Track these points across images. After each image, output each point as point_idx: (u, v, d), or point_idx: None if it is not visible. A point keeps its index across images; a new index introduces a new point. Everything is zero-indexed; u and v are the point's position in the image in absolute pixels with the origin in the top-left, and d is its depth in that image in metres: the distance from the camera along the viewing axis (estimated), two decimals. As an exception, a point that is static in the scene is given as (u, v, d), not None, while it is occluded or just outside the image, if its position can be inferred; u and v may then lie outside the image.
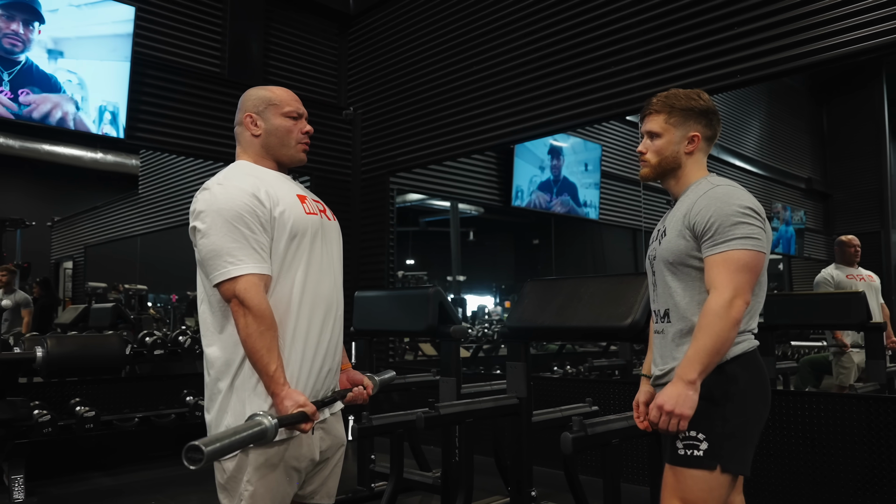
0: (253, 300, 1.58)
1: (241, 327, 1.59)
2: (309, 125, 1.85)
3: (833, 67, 3.54)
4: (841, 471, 3.30)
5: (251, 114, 1.80)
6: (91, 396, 4.33)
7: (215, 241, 1.62)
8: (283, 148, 1.80)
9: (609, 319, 2.52)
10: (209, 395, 1.71)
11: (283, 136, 1.79)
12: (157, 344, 4.48)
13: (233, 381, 1.65)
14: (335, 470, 1.85)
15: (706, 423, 1.68)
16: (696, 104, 1.85)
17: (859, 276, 4.59)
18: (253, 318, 1.58)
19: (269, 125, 1.79)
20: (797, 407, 3.48)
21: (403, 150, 5.71)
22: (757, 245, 1.69)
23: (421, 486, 3.42)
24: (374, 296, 3.68)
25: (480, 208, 8.98)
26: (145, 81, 4.89)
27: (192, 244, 1.72)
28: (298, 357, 1.68)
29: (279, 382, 1.58)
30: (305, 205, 1.77)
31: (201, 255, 1.66)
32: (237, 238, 1.61)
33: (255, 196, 1.66)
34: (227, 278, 1.60)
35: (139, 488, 4.05)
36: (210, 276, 1.64)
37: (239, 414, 1.62)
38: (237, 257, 1.61)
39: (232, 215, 1.62)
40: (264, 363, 1.58)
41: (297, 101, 1.84)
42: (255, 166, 1.78)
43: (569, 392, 4.32)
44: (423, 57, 5.57)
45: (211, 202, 1.65)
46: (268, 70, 5.73)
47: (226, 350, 1.66)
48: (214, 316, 1.69)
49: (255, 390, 1.62)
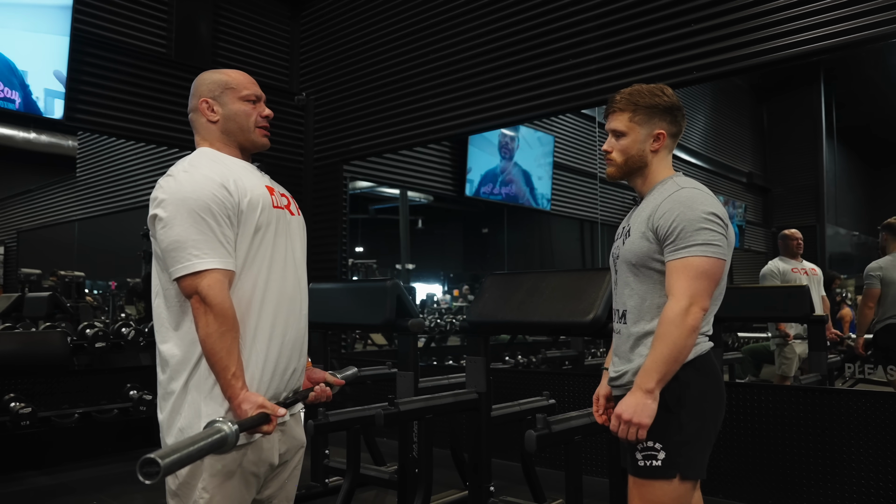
0: (216, 298, 1.50)
1: (201, 326, 1.50)
2: (268, 109, 1.77)
3: (776, 68, 3.63)
4: (785, 459, 3.41)
5: (206, 99, 1.70)
6: (27, 392, 4.11)
7: (179, 232, 1.52)
8: (244, 133, 1.71)
9: (571, 315, 2.52)
10: (162, 395, 1.62)
11: (243, 120, 1.70)
12: (100, 336, 4.28)
13: (187, 381, 1.56)
14: (294, 473, 1.80)
15: (662, 432, 1.68)
16: (661, 101, 1.83)
17: (803, 270, 4.74)
18: (214, 318, 1.49)
19: (227, 110, 1.70)
20: (745, 398, 3.57)
21: (358, 138, 5.60)
22: (717, 252, 1.69)
23: (377, 482, 3.37)
24: (329, 288, 3.60)
25: (430, 196, 8.94)
26: (86, 60, 4.65)
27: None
28: (261, 357, 1.60)
29: (237, 386, 1.51)
30: (273, 197, 1.69)
31: (162, 247, 1.55)
32: (203, 230, 1.52)
33: (224, 186, 1.57)
34: (190, 272, 1.51)
35: (79, 487, 3.88)
36: (171, 269, 1.54)
37: (193, 416, 1.54)
38: (202, 250, 1.51)
39: (198, 205, 1.53)
40: (223, 365, 1.50)
41: (254, 84, 1.75)
42: (220, 154, 1.69)
43: (524, 384, 4.34)
44: (378, 43, 5.47)
45: (175, 191, 1.55)
46: (217, 52, 5.53)
47: (181, 348, 1.57)
48: (171, 311, 1.59)
49: (212, 392, 1.54)
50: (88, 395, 4.41)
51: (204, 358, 1.54)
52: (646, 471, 1.71)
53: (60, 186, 9.19)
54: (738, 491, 3.52)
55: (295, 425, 1.76)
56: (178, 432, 1.55)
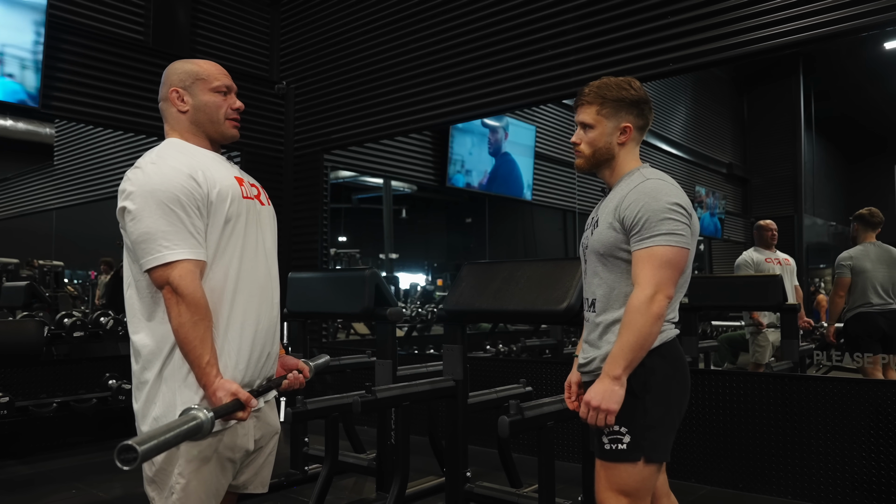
0: (188, 288, 1.51)
1: (174, 316, 1.52)
2: (239, 101, 1.77)
3: (755, 60, 3.67)
4: (756, 444, 3.49)
5: (177, 88, 1.70)
6: (5, 381, 4.09)
7: (148, 223, 1.53)
8: (214, 125, 1.72)
9: (545, 303, 2.55)
10: (136, 384, 1.63)
11: (213, 112, 1.71)
12: (77, 325, 4.26)
13: (161, 370, 1.58)
14: (269, 458, 1.82)
15: (628, 416, 1.73)
16: (628, 94, 1.86)
17: (776, 260, 4.83)
18: (186, 308, 1.51)
19: (197, 101, 1.70)
20: (717, 385, 3.65)
21: (338, 128, 5.60)
22: (681, 241, 1.73)
23: (356, 469, 3.41)
24: (308, 277, 3.62)
25: (414, 186, 8.95)
26: (62, 47, 4.60)
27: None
28: (234, 345, 1.62)
29: (211, 374, 1.53)
30: (243, 188, 1.70)
31: (132, 239, 1.56)
32: (172, 221, 1.53)
33: (192, 177, 1.58)
34: (161, 264, 1.52)
35: (58, 476, 3.87)
36: (141, 261, 1.55)
37: (168, 404, 1.56)
38: (173, 241, 1.53)
39: (167, 197, 1.54)
40: (197, 354, 1.52)
41: (225, 76, 1.76)
42: (188, 145, 1.69)
43: (503, 372, 4.39)
44: (359, 32, 5.45)
45: (143, 182, 1.56)
46: (195, 40, 5.48)
47: (154, 338, 1.59)
48: (143, 302, 1.61)
49: (186, 381, 1.56)
50: (67, 384, 4.39)
51: (176, 348, 1.55)
52: (612, 454, 1.75)
53: (38, 175, 9.07)
54: (710, 475, 3.60)
55: (269, 412, 1.78)
56: (153, 421, 1.57)
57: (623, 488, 1.75)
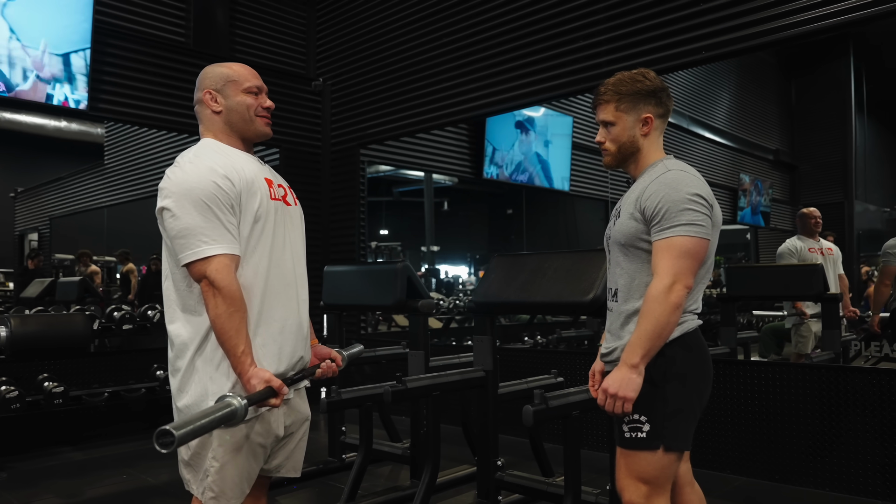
0: (223, 281, 1.59)
1: (211, 308, 1.60)
2: (270, 100, 1.84)
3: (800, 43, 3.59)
4: (795, 436, 3.44)
5: (210, 91, 1.78)
6: (60, 372, 4.31)
7: (187, 220, 1.61)
8: (246, 124, 1.79)
9: (572, 295, 2.57)
10: (171, 371, 1.72)
11: (245, 111, 1.78)
12: (126, 318, 4.45)
13: (193, 358, 1.66)
14: (300, 444, 1.89)
15: (648, 406, 1.74)
16: (643, 86, 1.87)
17: (819, 249, 4.72)
18: (223, 300, 1.59)
19: (230, 102, 1.78)
20: (754, 376, 3.60)
21: (374, 122, 5.68)
22: (700, 232, 1.73)
23: (391, 457, 3.49)
24: (343, 270, 3.70)
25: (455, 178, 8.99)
26: (107, 51, 4.78)
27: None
28: (265, 341, 1.69)
29: (246, 363, 1.60)
30: (272, 189, 1.77)
31: (171, 235, 1.65)
32: (209, 218, 1.61)
33: (227, 177, 1.66)
34: (199, 258, 1.60)
35: (110, 462, 4.06)
36: (180, 256, 1.63)
37: (201, 392, 1.64)
38: (210, 237, 1.60)
39: (204, 195, 1.62)
40: (232, 344, 1.60)
41: (256, 77, 1.83)
42: (222, 145, 1.77)
43: (537, 363, 4.41)
44: (393, 27, 5.51)
45: (181, 181, 1.64)
46: (234, 40, 5.63)
47: (187, 328, 1.67)
48: (179, 293, 1.69)
49: (219, 369, 1.64)
50: (117, 375, 4.59)
51: (209, 337, 1.64)
52: (631, 442, 1.77)
53: (90, 173, 9.42)
54: (746, 466, 3.57)
55: (299, 400, 1.86)
56: (185, 408, 1.66)
57: (643, 476, 1.77)
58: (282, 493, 3.44)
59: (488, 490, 3.00)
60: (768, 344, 6.09)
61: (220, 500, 1.66)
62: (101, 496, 3.50)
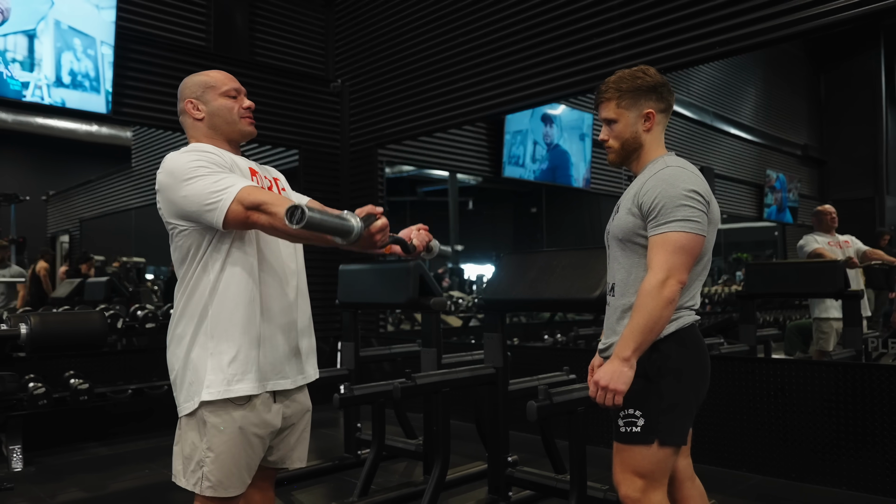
0: (258, 198, 1.60)
1: (267, 225, 1.60)
2: (249, 100, 1.88)
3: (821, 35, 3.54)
4: (812, 434, 3.40)
5: (191, 100, 1.84)
6: (85, 369, 4.44)
7: (190, 188, 1.64)
8: (230, 126, 1.84)
9: (579, 292, 2.58)
10: (170, 339, 1.78)
11: (227, 114, 1.83)
12: (149, 317, 4.56)
13: (189, 348, 1.71)
14: (303, 435, 1.92)
15: (642, 400, 1.76)
16: (643, 81, 1.88)
17: (837, 243, 4.71)
18: (270, 209, 1.58)
19: (211, 107, 1.83)
20: (770, 373, 3.57)
21: (392, 122, 5.72)
22: (696, 228, 1.74)
23: (405, 453, 3.53)
24: (357, 269, 3.75)
25: (479, 177, 9.00)
26: (130, 56, 4.90)
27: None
28: (255, 333, 1.72)
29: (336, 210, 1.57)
30: (256, 178, 1.82)
31: (187, 212, 1.67)
32: (212, 171, 1.66)
33: (212, 153, 1.73)
34: (228, 207, 1.61)
35: (133, 458, 4.17)
36: (214, 222, 1.63)
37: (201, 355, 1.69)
38: (221, 184, 1.64)
39: (198, 163, 1.67)
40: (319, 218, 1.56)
41: (233, 80, 1.88)
42: (210, 145, 1.82)
43: (552, 361, 4.41)
44: (410, 28, 5.55)
45: (171, 169, 1.69)
46: (254, 43, 5.71)
47: (186, 316, 1.73)
48: (186, 267, 1.74)
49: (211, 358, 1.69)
50: (141, 372, 4.71)
51: (203, 325, 1.69)
52: (626, 436, 1.79)
53: (118, 176, 9.63)
54: (761, 464, 3.54)
55: (298, 392, 1.89)
56: (188, 384, 1.72)
57: (638, 470, 1.78)
58: (297, 488, 3.50)
59: (499, 486, 3.02)
60: (794, 342, 6.00)
61: (217, 489, 1.69)
62: (124, 490, 3.60)
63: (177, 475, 1.75)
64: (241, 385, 1.69)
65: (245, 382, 1.70)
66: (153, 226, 7.50)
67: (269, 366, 1.75)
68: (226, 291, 1.71)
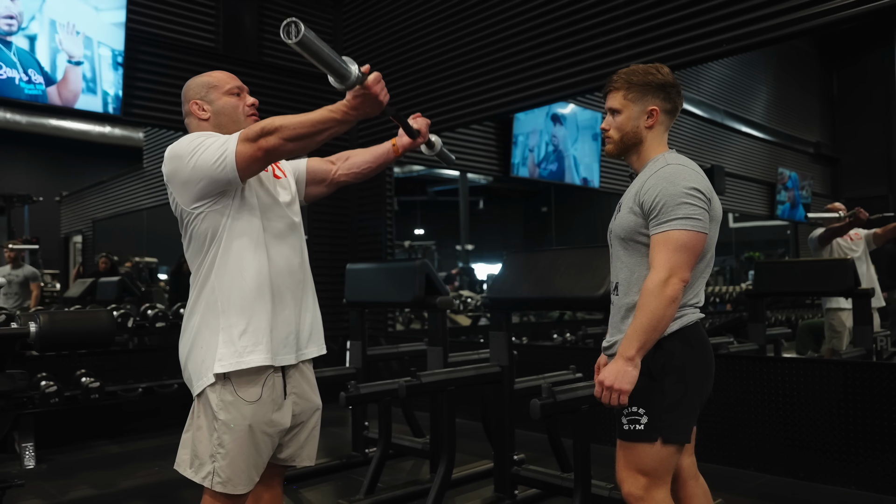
0: (257, 125, 1.64)
1: (278, 137, 1.63)
2: (252, 97, 1.91)
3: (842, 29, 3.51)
4: (820, 433, 3.38)
5: (195, 101, 1.87)
6: (96, 368, 4.48)
7: (198, 158, 1.67)
8: (236, 123, 1.86)
9: (583, 290, 2.59)
10: (183, 331, 1.82)
11: (232, 112, 1.86)
12: (159, 316, 4.61)
13: (207, 310, 1.75)
14: (313, 433, 1.94)
15: (646, 398, 1.76)
16: (654, 78, 1.88)
17: (848, 236, 4.71)
18: (271, 123, 1.63)
19: (216, 106, 1.86)
20: (778, 372, 3.55)
21: (399, 122, 5.72)
22: (697, 226, 1.73)
23: (412, 452, 3.54)
24: (363, 268, 3.77)
25: (489, 177, 9.02)
26: (139, 58, 4.94)
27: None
28: (266, 310, 1.76)
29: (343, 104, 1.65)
30: None
31: (200, 183, 1.69)
32: (213, 139, 1.70)
33: (215, 135, 1.75)
34: (234, 149, 1.65)
35: (144, 455, 4.21)
36: (227, 172, 1.66)
37: (207, 350, 1.72)
38: (223, 139, 1.68)
39: (199, 139, 1.71)
40: (311, 118, 1.64)
41: (235, 79, 1.91)
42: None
43: (560, 359, 4.40)
44: (419, 27, 5.57)
45: (174, 153, 1.73)
46: (262, 44, 5.75)
47: (197, 304, 1.77)
48: (202, 258, 1.77)
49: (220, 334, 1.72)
50: (151, 371, 4.75)
51: (214, 306, 1.73)
52: (630, 434, 1.79)
53: (130, 177, 9.71)
54: (769, 464, 3.52)
55: (309, 389, 1.91)
56: (200, 362, 1.75)
57: (641, 468, 1.78)
58: (305, 485, 3.53)
59: (505, 484, 3.03)
60: (806, 341, 5.96)
61: (226, 486, 1.72)
62: (134, 487, 3.64)
63: (181, 465, 1.78)
64: (253, 357, 1.72)
65: (256, 354, 1.73)
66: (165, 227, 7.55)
67: (278, 340, 1.78)
68: (234, 271, 1.74)
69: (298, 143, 1.65)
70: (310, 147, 1.68)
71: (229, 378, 1.72)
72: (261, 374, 1.74)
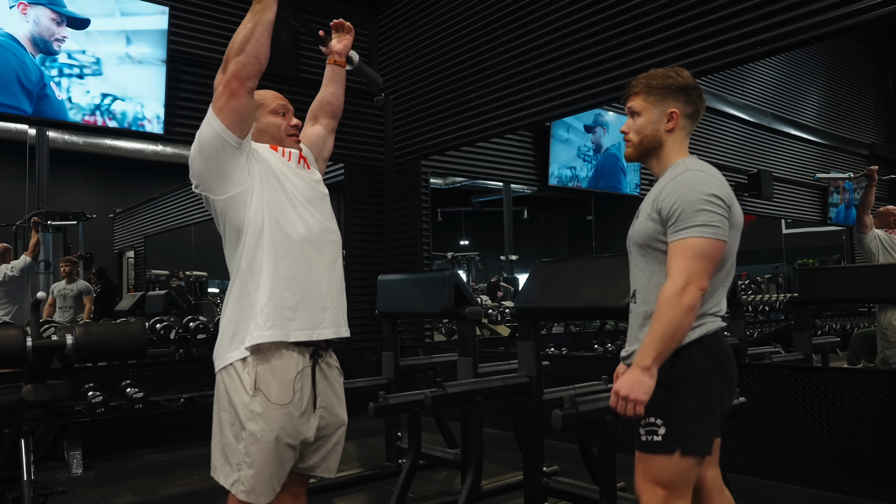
0: (217, 79, 1.80)
1: (228, 60, 1.81)
2: (296, 118, 1.96)
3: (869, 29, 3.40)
4: (868, 446, 3.24)
5: None
6: (141, 378, 4.63)
7: (199, 144, 1.81)
8: (276, 142, 1.95)
9: (609, 299, 2.55)
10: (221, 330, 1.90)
11: (275, 131, 1.94)
12: (200, 328, 4.73)
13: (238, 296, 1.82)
14: (336, 447, 1.96)
15: (663, 409, 1.71)
16: (673, 81, 1.85)
17: (892, 231, 4.53)
18: (225, 56, 1.81)
19: (260, 124, 1.93)
20: (824, 383, 3.42)
21: (435, 134, 5.77)
22: (716, 233, 1.69)
23: (444, 462, 3.53)
24: (394, 279, 3.79)
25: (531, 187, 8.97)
26: (181, 77, 5.11)
27: None
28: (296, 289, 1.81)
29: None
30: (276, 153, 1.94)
31: (211, 153, 1.80)
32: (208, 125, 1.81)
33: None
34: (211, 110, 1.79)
35: (186, 464, 4.31)
36: (214, 131, 1.79)
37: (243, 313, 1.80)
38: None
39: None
40: (239, 27, 1.85)
41: (282, 99, 1.98)
42: None
43: (595, 370, 4.33)
44: (452, 39, 5.61)
45: (192, 153, 1.84)
46: (299, 61, 5.86)
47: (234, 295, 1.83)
48: (238, 258, 1.84)
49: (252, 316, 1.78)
50: (193, 381, 4.88)
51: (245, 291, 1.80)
52: (648, 445, 1.75)
53: (179, 193, 10.01)
54: (814, 478, 3.39)
55: (337, 405, 1.94)
56: (233, 335, 1.82)
57: (659, 480, 1.74)
58: (337, 495, 3.55)
59: (534, 496, 2.99)
60: (859, 351, 5.73)
61: (250, 495, 1.77)
62: (174, 495, 3.73)
63: (215, 470, 1.84)
64: (272, 332, 1.77)
65: (277, 329, 1.77)
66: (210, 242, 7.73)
67: (304, 319, 1.81)
68: (264, 258, 1.80)
69: (245, 50, 1.78)
70: (259, 45, 1.82)
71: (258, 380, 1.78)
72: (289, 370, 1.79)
